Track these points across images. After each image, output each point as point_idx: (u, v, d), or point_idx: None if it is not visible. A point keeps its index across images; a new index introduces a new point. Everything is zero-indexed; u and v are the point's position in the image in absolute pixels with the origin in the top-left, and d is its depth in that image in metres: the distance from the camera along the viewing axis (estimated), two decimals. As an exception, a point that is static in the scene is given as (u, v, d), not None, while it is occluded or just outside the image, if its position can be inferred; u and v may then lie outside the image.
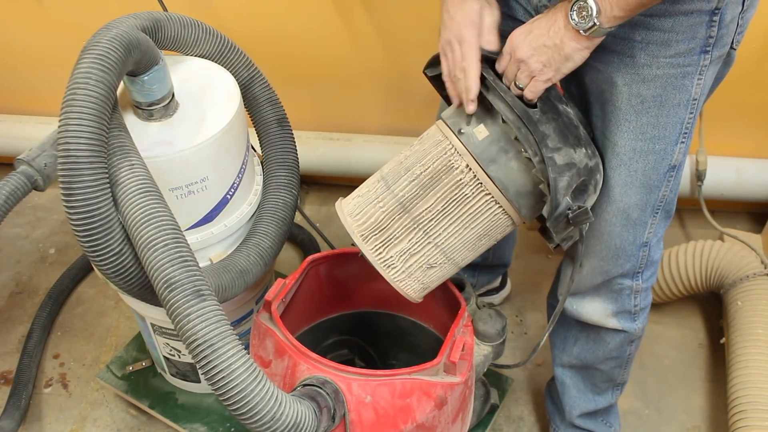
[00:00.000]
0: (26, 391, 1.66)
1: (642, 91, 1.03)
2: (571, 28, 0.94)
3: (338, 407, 1.04)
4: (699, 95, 1.04)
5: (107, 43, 0.98)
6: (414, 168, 1.09)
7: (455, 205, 1.07)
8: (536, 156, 1.01)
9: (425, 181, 1.07)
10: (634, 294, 1.28)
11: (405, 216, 1.09)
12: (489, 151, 1.05)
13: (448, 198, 1.07)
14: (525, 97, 1.02)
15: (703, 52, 1.00)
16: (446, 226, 1.09)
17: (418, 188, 1.08)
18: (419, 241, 1.10)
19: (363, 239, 1.11)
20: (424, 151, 1.09)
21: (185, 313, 0.92)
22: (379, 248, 1.11)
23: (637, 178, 1.11)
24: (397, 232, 1.10)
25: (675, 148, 1.09)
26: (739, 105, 1.88)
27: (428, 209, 1.08)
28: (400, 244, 1.10)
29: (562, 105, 1.06)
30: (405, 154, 1.12)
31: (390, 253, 1.11)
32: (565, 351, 1.45)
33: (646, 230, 1.18)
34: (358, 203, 1.13)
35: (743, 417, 1.49)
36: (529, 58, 0.98)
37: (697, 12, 0.96)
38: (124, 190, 0.99)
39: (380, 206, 1.10)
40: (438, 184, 1.07)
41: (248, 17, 1.87)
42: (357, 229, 1.12)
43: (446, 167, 1.06)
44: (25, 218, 2.17)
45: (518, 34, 1.01)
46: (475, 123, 1.06)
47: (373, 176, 1.16)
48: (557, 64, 0.98)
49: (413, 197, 1.08)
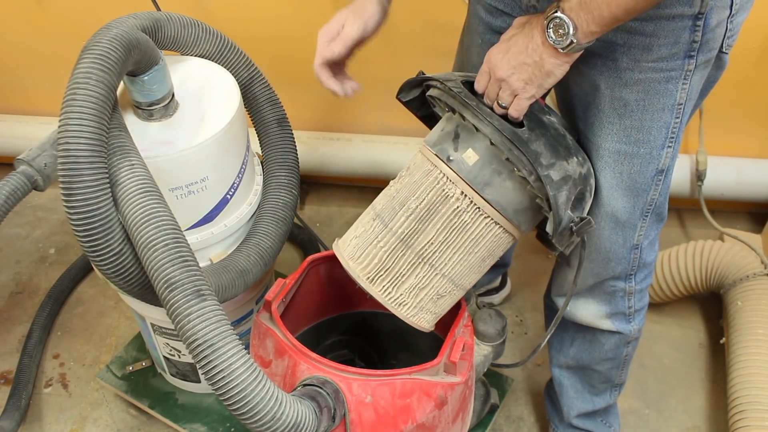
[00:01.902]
0: (26, 391, 1.66)
1: (624, 94, 1.03)
2: (549, 45, 0.92)
3: (338, 407, 1.04)
4: (685, 100, 1.04)
5: (107, 43, 0.98)
6: (409, 202, 1.07)
7: (456, 233, 1.06)
8: (532, 175, 1.00)
9: (422, 214, 1.06)
10: (628, 296, 1.28)
11: (408, 252, 1.08)
12: (482, 174, 1.03)
13: (448, 227, 1.06)
14: (510, 116, 1.01)
15: (688, 56, 0.99)
16: (450, 255, 1.08)
17: (416, 222, 1.06)
18: (426, 274, 1.09)
19: (370, 282, 1.10)
20: (416, 183, 1.07)
21: (185, 313, 0.92)
22: (387, 289, 1.10)
23: (623, 181, 1.11)
24: (403, 270, 1.09)
25: (662, 153, 1.08)
26: (739, 105, 1.88)
27: (430, 242, 1.07)
28: (408, 280, 1.10)
29: (546, 116, 1.05)
30: (396, 188, 1.11)
31: (399, 291, 1.10)
32: (562, 352, 1.45)
33: (636, 233, 1.17)
34: (357, 244, 1.12)
35: (743, 417, 1.49)
36: (509, 77, 0.97)
37: (679, 16, 0.95)
38: (124, 190, 0.99)
39: (381, 246, 1.09)
40: (436, 215, 1.05)
41: (248, 17, 1.87)
42: (362, 273, 1.10)
43: (441, 197, 1.05)
44: (25, 218, 2.17)
45: (495, 53, 0.99)
46: (462, 148, 1.04)
47: (367, 214, 1.14)
48: (539, 81, 0.96)
49: (413, 232, 1.07)
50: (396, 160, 2.00)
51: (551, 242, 1.09)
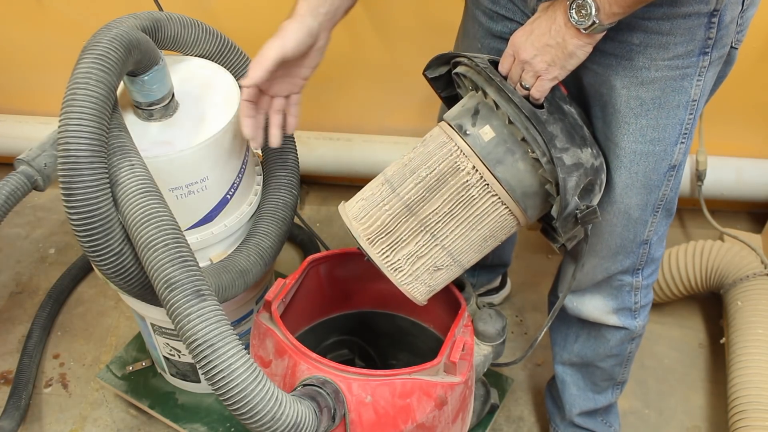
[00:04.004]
0: (26, 391, 1.66)
1: (641, 93, 1.03)
2: (571, 26, 0.94)
3: (338, 407, 1.04)
4: (699, 96, 1.04)
5: (107, 43, 0.98)
6: (419, 170, 1.08)
7: (462, 207, 1.07)
8: (544, 156, 1.01)
9: (431, 183, 1.06)
10: (635, 291, 1.29)
11: (412, 219, 1.08)
12: (496, 152, 1.04)
13: (454, 200, 1.06)
14: (532, 97, 1.02)
15: (702, 53, 1.00)
16: (453, 228, 1.08)
17: (425, 190, 1.07)
18: (426, 243, 1.09)
19: (369, 243, 1.10)
20: (429, 153, 1.08)
21: (185, 313, 0.92)
22: (386, 252, 1.10)
23: (638, 179, 1.11)
24: (404, 235, 1.09)
25: (675, 149, 1.09)
26: (739, 105, 1.88)
27: (435, 211, 1.07)
28: (407, 247, 1.10)
29: (567, 105, 1.06)
30: (409, 156, 1.11)
31: (397, 257, 1.10)
32: (566, 348, 1.45)
33: (647, 228, 1.18)
34: (363, 206, 1.12)
35: (743, 417, 1.49)
36: (533, 59, 0.98)
37: (695, 14, 0.96)
38: (124, 189, 0.99)
39: (386, 209, 1.09)
40: (444, 185, 1.06)
41: (248, 17, 1.87)
42: (363, 233, 1.11)
43: (452, 169, 1.05)
44: (25, 218, 2.17)
45: (519, 35, 1.00)
46: (480, 124, 1.05)
47: (377, 179, 1.15)
48: (562, 62, 0.98)
49: (419, 200, 1.07)
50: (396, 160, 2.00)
51: (554, 235, 1.09)
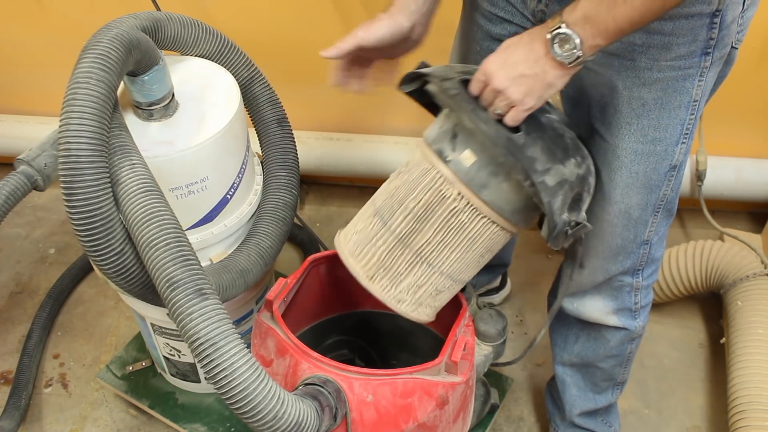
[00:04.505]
0: (26, 391, 1.66)
1: (643, 94, 1.03)
2: (552, 58, 0.91)
3: (340, 406, 1.04)
4: (700, 96, 1.04)
5: (107, 42, 0.98)
6: (407, 201, 1.06)
7: (454, 233, 1.06)
8: (527, 181, 0.99)
9: (420, 213, 1.05)
10: (635, 291, 1.29)
11: (406, 251, 1.08)
12: (479, 176, 1.02)
13: (445, 228, 1.05)
14: (506, 123, 0.99)
15: (704, 54, 1.00)
16: (449, 254, 1.08)
17: (414, 222, 1.06)
18: (425, 273, 1.09)
19: (370, 280, 1.11)
20: (414, 181, 1.06)
21: (187, 312, 0.92)
22: (387, 287, 1.11)
23: (638, 179, 1.11)
24: (401, 269, 1.09)
25: (676, 149, 1.09)
26: (739, 105, 1.88)
27: (428, 241, 1.07)
28: (407, 279, 1.10)
29: (545, 115, 1.04)
30: (395, 184, 1.10)
31: (398, 289, 1.11)
32: (566, 349, 1.45)
33: (647, 229, 1.18)
34: (357, 241, 1.12)
35: (743, 417, 1.49)
36: (507, 89, 0.95)
37: (697, 15, 0.96)
38: (125, 189, 0.99)
39: (380, 245, 1.09)
40: (433, 215, 1.05)
41: (248, 17, 1.87)
42: (362, 271, 1.11)
43: (439, 197, 1.04)
44: (25, 218, 2.16)
45: (492, 63, 0.96)
46: (460, 148, 1.03)
47: (367, 209, 1.14)
48: (539, 93, 0.95)
49: (411, 232, 1.07)
50: (396, 160, 2.00)
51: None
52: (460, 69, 1.07)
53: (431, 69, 1.09)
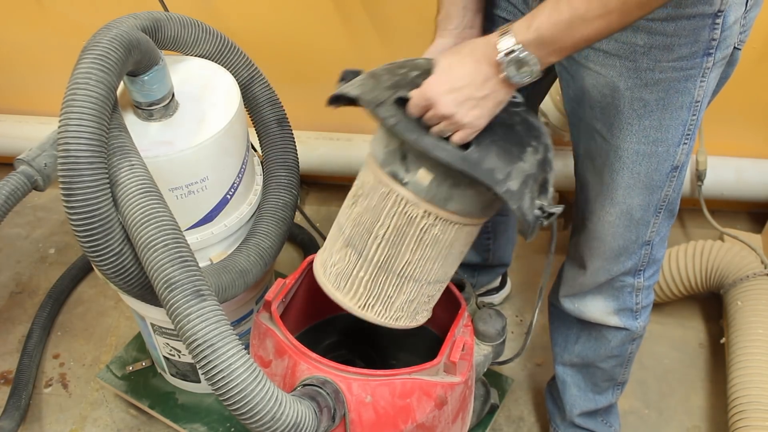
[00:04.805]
0: (26, 391, 1.66)
1: (644, 95, 1.02)
2: (503, 79, 0.87)
3: (338, 407, 1.04)
4: (702, 97, 1.04)
5: (107, 43, 0.98)
6: (375, 229, 1.05)
7: (431, 247, 1.05)
8: (490, 191, 0.96)
9: (392, 238, 1.04)
10: (636, 292, 1.29)
11: (390, 276, 1.08)
12: (440, 191, 0.99)
13: (421, 245, 1.05)
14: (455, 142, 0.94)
15: (706, 54, 0.99)
16: (431, 265, 1.08)
17: (389, 248, 1.05)
18: (413, 288, 1.10)
19: (363, 309, 1.11)
20: (377, 208, 1.04)
21: (185, 313, 0.92)
22: (381, 312, 1.11)
23: (640, 180, 1.11)
24: (390, 292, 1.09)
25: (678, 150, 1.08)
26: (739, 105, 1.88)
27: (408, 262, 1.06)
28: (398, 299, 1.10)
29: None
30: (358, 211, 1.07)
31: (393, 310, 1.11)
32: (567, 349, 1.45)
33: (649, 229, 1.18)
34: (338, 275, 1.11)
35: (743, 417, 1.49)
36: (455, 114, 0.90)
37: (699, 15, 0.95)
38: (124, 190, 0.99)
39: (362, 275, 1.08)
40: (406, 237, 1.04)
41: (248, 17, 1.87)
42: (352, 303, 1.11)
43: (407, 220, 1.02)
44: (25, 218, 2.17)
45: (433, 86, 0.91)
46: (413, 169, 0.99)
47: (337, 238, 1.11)
48: (490, 113, 0.92)
49: (388, 257, 1.06)
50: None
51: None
52: (388, 82, 0.99)
53: (358, 89, 1.01)
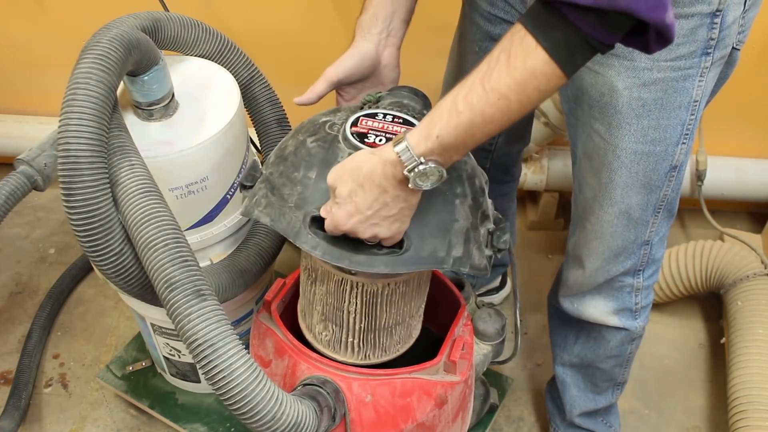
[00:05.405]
0: (26, 391, 1.66)
1: (643, 94, 1.03)
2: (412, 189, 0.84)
3: (339, 406, 1.04)
4: (700, 97, 1.04)
5: (107, 43, 0.98)
6: (345, 306, 1.06)
7: (406, 299, 1.07)
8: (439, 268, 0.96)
9: (365, 310, 1.05)
10: (635, 292, 1.29)
11: (378, 332, 1.09)
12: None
13: (395, 302, 1.06)
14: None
15: (705, 54, 1.00)
16: (410, 307, 1.10)
17: (367, 318, 1.06)
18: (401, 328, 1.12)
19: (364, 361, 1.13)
20: (338, 292, 1.04)
21: (185, 313, 0.92)
22: (382, 355, 1.13)
23: (638, 180, 1.11)
24: (383, 341, 1.11)
25: (676, 149, 1.09)
26: (739, 105, 1.88)
27: (388, 317, 1.08)
28: (392, 340, 1.13)
29: None
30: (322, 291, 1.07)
31: (392, 349, 1.14)
32: (566, 349, 1.45)
33: (648, 229, 1.18)
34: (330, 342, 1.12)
35: (743, 417, 1.49)
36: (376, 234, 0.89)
37: (698, 15, 0.95)
38: (124, 190, 0.99)
39: (352, 340, 1.10)
40: (377, 304, 1.05)
41: (248, 17, 1.87)
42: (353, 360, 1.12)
43: (370, 296, 1.04)
44: (25, 218, 2.17)
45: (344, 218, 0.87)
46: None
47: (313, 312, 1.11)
48: (409, 216, 0.90)
49: (369, 324, 1.07)
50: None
51: None
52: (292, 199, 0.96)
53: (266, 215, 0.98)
